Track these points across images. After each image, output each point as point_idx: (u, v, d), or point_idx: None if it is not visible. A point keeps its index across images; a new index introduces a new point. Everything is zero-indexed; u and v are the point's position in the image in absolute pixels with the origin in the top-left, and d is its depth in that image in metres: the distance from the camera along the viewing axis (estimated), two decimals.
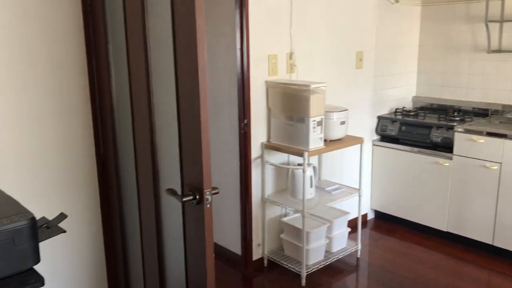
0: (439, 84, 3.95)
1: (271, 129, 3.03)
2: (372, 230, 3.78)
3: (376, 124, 3.81)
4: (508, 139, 3.05)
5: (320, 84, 2.76)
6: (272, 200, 3.08)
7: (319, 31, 3.21)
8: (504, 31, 3.50)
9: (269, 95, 2.99)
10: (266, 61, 2.96)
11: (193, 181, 1.56)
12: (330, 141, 3.02)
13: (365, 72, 3.61)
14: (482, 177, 3.20)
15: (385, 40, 3.72)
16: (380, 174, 3.83)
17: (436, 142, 3.44)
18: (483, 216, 3.24)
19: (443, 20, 3.84)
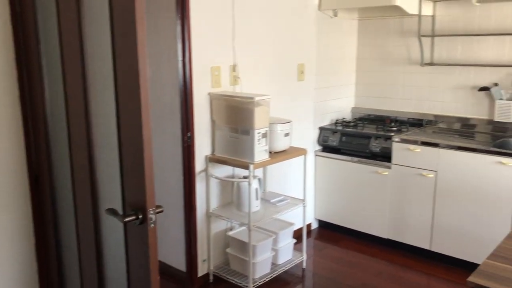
0: (376, 95, 4.09)
1: (216, 141, 2.98)
2: (317, 239, 3.82)
3: (318, 135, 3.87)
4: (442, 148, 3.20)
5: (264, 96, 2.76)
6: (217, 214, 3.02)
7: (262, 44, 3.23)
8: (435, 45, 3.69)
9: (213, 107, 2.94)
10: (209, 73, 2.92)
11: (136, 200, 1.49)
12: (274, 152, 3.02)
13: (306, 84, 3.67)
14: (419, 185, 3.33)
15: (325, 53, 3.80)
16: (323, 184, 3.89)
17: (375, 152, 3.55)
18: (421, 223, 3.37)
19: (379, 34, 3.99)
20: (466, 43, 3.54)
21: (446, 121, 3.71)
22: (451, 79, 3.65)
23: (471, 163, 3.07)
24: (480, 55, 3.48)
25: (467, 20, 3.50)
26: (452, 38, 3.59)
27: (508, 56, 3.36)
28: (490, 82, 3.46)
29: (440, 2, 3.61)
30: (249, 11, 3.09)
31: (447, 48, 3.63)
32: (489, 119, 3.49)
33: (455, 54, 3.60)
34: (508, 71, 3.37)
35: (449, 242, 3.25)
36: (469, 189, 3.11)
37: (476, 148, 3.06)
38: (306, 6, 3.53)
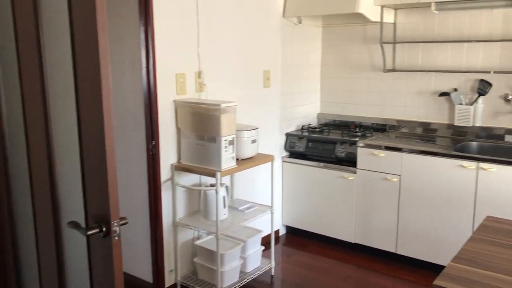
0: (341, 101, 4.15)
1: (181, 149, 2.94)
2: (285, 245, 3.82)
3: (285, 141, 3.89)
4: (405, 153, 3.26)
5: (230, 103, 2.75)
6: (184, 224, 2.97)
7: (227, 50, 3.21)
8: (397, 51, 3.78)
9: (178, 114, 2.90)
10: (174, 80, 2.88)
11: (99, 212, 1.44)
12: (242, 159, 3.00)
13: (272, 90, 3.68)
14: (384, 189, 3.39)
15: (291, 59, 3.83)
16: (290, 190, 3.90)
17: (341, 157, 3.59)
18: (386, 226, 3.43)
19: (343, 41, 4.05)
20: (426, 49, 3.64)
21: (408, 126, 3.79)
22: (413, 84, 3.74)
23: (433, 166, 3.15)
24: (439, 61, 3.59)
25: (426, 27, 3.61)
26: (413, 44, 3.69)
27: (466, 62, 3.47)
28: (450, 87, 3.56)
29: (401, 10, 3.70)
30: (214, 17, 3.08)
31: (408, 54, 3.73)
32: (449, 123, 3.59)
33: (416, 60, 3.70)
34: (466, 77, 3.48)
35: (414, 244, 3.32)
36: (432, 192, 3.18)
37: (438, 152, 3.14)
38: (270, 13, 3.55)
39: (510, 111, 3.34)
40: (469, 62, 3.46)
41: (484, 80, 3.37)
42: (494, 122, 3.42)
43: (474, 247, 1.71)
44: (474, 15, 3.39)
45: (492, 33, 3.34)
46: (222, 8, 3.13)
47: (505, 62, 3.32)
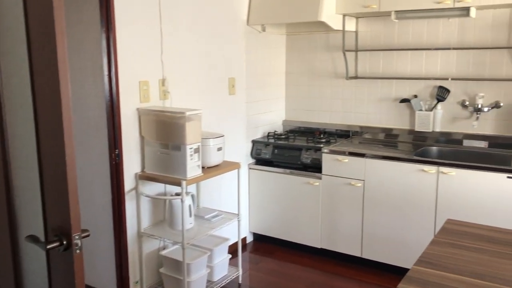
0: (306, 108, 4.19)
1: (146, 158, 2.89)
2: (252, 253, 3.81)
3: (251, 148, 3.89)
4: (368, 158, 3.32)
5: (195, 111, 2.72)
6: (149, 234, 2.92)
7: (192, 57, 3.19)
8: (359, 59, 3.86)
9: (142, 123, 2.86)
10: (137, 87, 2.83)
11: (59, 225, 1.39)
12: (207, 168, 2.98)
13: (238, 98, 3.67)
14: (349, 194, 3.44)
15: (255, 67, 3.84)
16: (257, 197, 3.89)
17: (306, 163, 3.62)
18: (351, 231, 3.47)
19: (307, 49, 4.10)
20: (387, 57, 3.73)
21: (371, 132, 3.87)
22: (375, 91, 3.82)
23: (395, 171, 3.22)
24: (400, 68, 3.69)
25: (387, 35, 3.70)
26: (374, 52, 3.77)
27: (426, 70, 3.58)
28: (410, 94, 3.66)
29: (362, 19, 3.79)
30: (177, 25, 3.05)
31: (370, 62, 3.81)
32: (410, 129, 3.69)
33: (377, 68, 3.79)
34: (426, 84, 3.59)
35: (378, 248, 3.37)
36: (395, 196, 3.25)
37: (399, 157, 3.21)
38: (234, 20, 3.56)
39: (468, 117, 3.46)
40: (428, 69, 3.57)
41: (442, 87, 3.48)
42: (452, 127, 3.53)
43: (436, 250, 1.75)
44: (432, 24, 3.50)
45: (449, 41, 3.46)
46: (185, 15, 3.11)
47: (462, 69, 3.44)
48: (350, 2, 3.43)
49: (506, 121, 3.33)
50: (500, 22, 3.26)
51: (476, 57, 3.38)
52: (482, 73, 3.37)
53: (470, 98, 3.44)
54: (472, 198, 2.98)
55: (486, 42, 3.33)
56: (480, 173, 2.93)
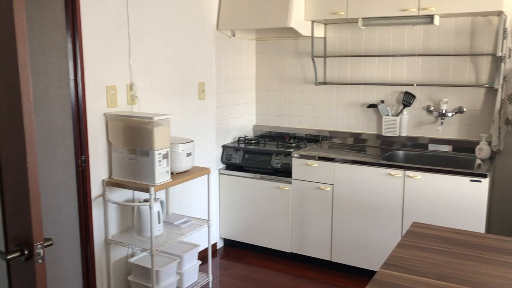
0: (276, 113, 4.22)
1: (113, 164, 2.84)
2: (223, 259, 3.79)
3: (221, 153, 3.88)
4: (336, 163, 3.36)
5: (164, 116, 2.70)
6: (117, 241, 2.86)
7: (161, 62, 3.16)
8: (327, 65, 3.91)
9: (109, 128, 2.81)
10: (105, 92, 2.78)
11: (20, 234, 1.34)
12: (177, 173, 2.95)
13: (207, 102, 3.66)
14: (318, 199, 3.47)
15: (225, 72, 3.84)
16: (227, 202, 3.88)
17: (276, 168, 3.63)
18: (321, 235, 3.50)
19: (276, 54, 4.13)
20: (354, 63, 3.80)
21: (340, 137, 3.92)
22: (343, 97, 3.88)
23: (363, 175, 3.27)
24: (367, 74, 3.76)
25: (355, 42, 3.76)
26: (343, 58, 3.83)
27: (392, 76, 3.66)
28: (377, 99, 3.73)
29: (330, 25, 3.84)
30: (146, 29, 3.02)
31: (338, 68, 3.87)
32: (378, 133, 3.76)
33: (345, 74, 3.85)
34: (392, 89, 3.66)
35: (347, 251, 3.41)
36: (363, 200, 3.30)
37: (367, 161, 3.26)
38: (204, 25, 3.55)
39: (433, 121, 3.55)
40: (394, 75, 3.65)
41: (408, 92, 3.57)
42: (418, 132, 3.62)
43: (402, 253, 1.79)
44: (398, 31, 3.59)
45: (415, 48, 3.54)
46: (154, 20, 3.08)
47: (426, 75, 3.53)
48: (318, 9, 3.48)
49: (469, 125, 3.43)
50: (463, 30, 3.36)
51: (440, 63, 3.48)
52: (446, 79, 3.47)
53: (434, 104, 3.53)
54: (437, 201, 3.05)
55: (449, 49, 3.43)
56: (445, 177, 3.01)
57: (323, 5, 3.45)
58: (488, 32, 3.29)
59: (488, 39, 3.30)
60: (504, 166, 3.36)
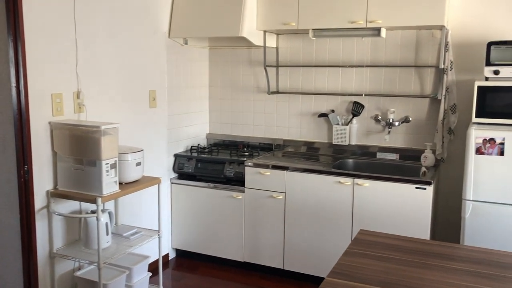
0: (229, 122, 4.22)
1: (58, 175, 2.74)
2: (174, 270, 3.73)
3: (173, 162, 3.83)
4: (289, 171, 3.40)
5: (112, 125, 2.63)
6: (62, 254, 2.76)
7: (110, 70, 3.09)
8: (280, 75, 3.96)
9: (55, 137, 2.71)
10: (50, 100, 2.69)
11: None
12: (126, 183, 2.88)
13: (159, 111, 3.61)
14: (271, 207, 3.49)
15: (178, 80, 3.80)
16: (179, 212, 3.83)
17: (229, 177, 3.62)
18: (273, 243, 3.51)
19: (229, 63, 4.14)
20: (306, 73, 3.86)
21: (293, 145, 3.97)
22: (295, 106, 3.93)
23: (315, 183, 3.32)
24: (318, 84, 3.83)
25: (306, 52, 3.83)
26: (294, 68, 3.89)
27: (342, 86, 3.75)
28: (328, 109, 3.81)
29: (282, 35, 3.90)
30: (94, 35, 2.95)
31: (290, 77, 3.92)
32: (329, 142, 3.83)
33: (297, 83, 3.90)
34: (342, 99, 3.75)
35: (300, 259, 3.44)
36: (314, 208, 3.34)
37: (318, 170, 3.31)
38: (155, 33, 3.50)
39: (380, 130, 3.66)
40: (344, 86, 3.74)
41: (357, 102, 3.66)
42: (367, 141, 3.71)
43: (348, 261, 1.82)
44: (347, 42, 3.68)
45: (363, 59, 3.65)
46: (103, 26, 3.01)
47: (374, 86, 3.64)
48: (270, 19, 3.52)
49: (415, 134, 3.56)
50: (408, 43, 3.50)
51: (387, 74, 3.59)
52: (393, 90, 3.59)
53: (382, 113, 3.64)
54: (385, 208, 3.14)
55: (396, 60, 3.56)
56: (392, 184, 3.10)
57: (275, 16, 3.50)
58: (432, 45, 3.44)
59: (432, 51, 3.44)
60: (447, 174, 3.51)
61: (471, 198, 2.86)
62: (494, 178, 2.79)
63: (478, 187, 2.83)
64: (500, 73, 2.97)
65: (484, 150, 2.81)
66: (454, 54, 3.38)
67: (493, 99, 2.93)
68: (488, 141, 2.80)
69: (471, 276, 1.71)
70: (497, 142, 2.78)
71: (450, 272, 1.75)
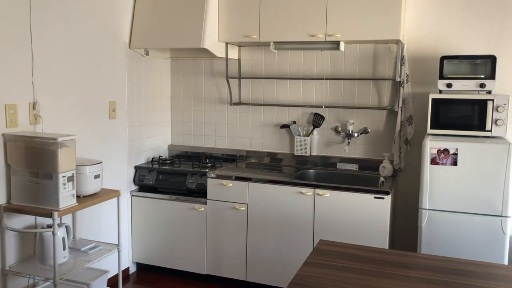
0: (191, 133, 4.19)
1: (12, 188, 2.64)
2: (135, 284, 3.65)
3: (134, 174, 3.76)
4: (251, 182, 3.41)
5: (69, 137, 2.57)
6: (15, 271, 2.65)
7: (68, 80, 3.02)
8: (242, 86, 3.98)
9: (9, 149, 2.61)
10: (3, 111, 2.60)
11: None
12: (83, 196, 2.81)
13: (119, 122, 3.55)
14: (233, 219, 3.48)
15: (139, 90, 3.76)
16: (140, 225, 3.76)
17: (191, 189, 3.59)
18: (236, 255, 3.50)
19: (192, 74, 4.13)
20: (268, 85, 3.90)
21: (256, 156, 3.98)
22: (258, 117, 3.96)
23: (277, 194, 3.34)
24: (280, 95, 3.87)
25: (268, 64, 3.87)
26: (256, 80, 3.92)
27: (303, 98, 3.80)
28: (290, 120, 3.85)
29: (244, 47, 3.93)
30: (51, 45, 2.88)
31: (252, 89, 3.95)
32: (291, 153, 3.87)
33: (259, 95, 3.93)
34: (303, 111, 3.81)
35: (262, 271, 3.44)
36: (276, 219, 3.36)
37: (280, 180, 3.34)
38: (116, 43, 3.46)
39: (340, 141, 3.74)
40: (305, 97, 3.80)
41: (317, 114, 3.73)
42: (327, 151, 3.78)
43: (307, 271, 1.84)
44: (308, 55, 3.75)
45: (323, 71, 3.72)
46: (60, 35, 2.95)
47: (334, 98, 3.72)
48: (232, 31, 3.54)
49: (373, 145, 3.65)
50: (366, 56, 3.60)
51: (347, 87, 3.68)
52: (352, 102, 3.68)
53: (342, 125, 3.72)
54: (345, 218, 3.19)
55: (354, 73, 3.65)
56: (351, 194, 3.16)
57: (236, 28, 3.53)
58: (389, 59, 3.55)
59: (389, 65, 3.55)
60: (405, 183, 3.61)
61: (427, 207, 2.95)
62: (448, 187, 2.89)
63: (434, 196, 2.93)
64: (453, 86, 3.10)
65: (438, 160, 2.91)
66: (410, 67, 3.50)
67: (447, 111, 3.05)
68: (442, 151, 2.90)
69: (429, 284, 1.76)
70: (450, 153, 2.88)
71: (408, 280, 1.79)
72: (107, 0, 3.35)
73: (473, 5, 3.34)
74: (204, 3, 3.43)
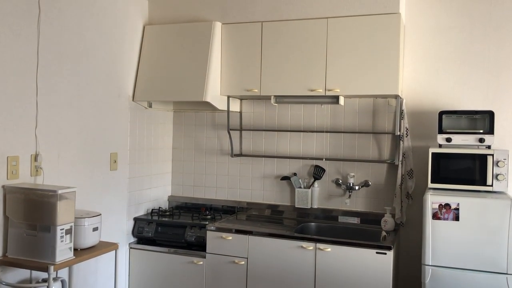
0: (192, 184, 4.19)
1: (9, 241, 2.61)
2: None
3: (133, 226, 3.72)
4: (251, 235, 3.36)
5: (68, 189, 2.57)
6: None
7: (70, 132, 3.06)
8: (243, 138, 4.01)
9: (8, 201, 2.60)
10: (5, 163, 2.61)
11: None
12: (81, 249, 2.77)
13: (120, 173, 3.55)
14: (232, 273, 3.40)
15: (140, 142, 3.79)
16: (138, 278, 3.68)
17: (190, 241, 3.54)
18: None
19: (194, 126, 4.18)
20: (269, 137, 3.93)
21: (257, 208, 3.95)
22: (258, 169, 3.96)
23: (277, 248, 3.28)
24: (281, 148, 3.90)
25: (269, 117, 3.93)
26: (257, 132, 3.96)
27: (303, 150, 3.83)
28: (290, 172, 3.86)
29: (245, 101, 4.00)
30: (56, 98, 2.94)
31: (253, 141, 3.98)
32: (292, 205, 3.84)
33: (260, 147, 3.96)
34: (304, 163, 3.82)
35: None
36: (276, 273, 3.28)
37: (280, 234, 3.29)
38: (119, 96, 3.53)
39: (341, 194, 3.72)
40: (306, 150, 3.82)
41: (318, 166, 3.73)
42: (328, 204, 3.75)
43: None
44: (308, 108, 3.81)
45: (323, 124, 3.77)
46: (66, 89, 3.01)
47: (334, 150, 3.74)
48: (233, 86, 3.62)
49: (375, 198, 3.63)
50: (365, 110, 3.65)
51: (347, 140, 3.71)
52: (352, 155, 3.69)
53: (343, 177, 3.71)
54: (346, 274, 3.12)
55: (354, 127, 3.68)
56: (353, 249, 3.11)
57: (238, 83, 3.60)
58: (388, 113, 3.60)
59: (388, 119, 3.60)
60: (407, 238, 3.55)
61: (430, 263, 2.89)
62: (450, 243, 2.85)
63: (436, 252, 2.87)
64: (452, 140, 3.12)
65: (440, 215, 2.88)
66: (409, 121, 3.54)
67: (447, 165, 3.06)
68: (443, 206, 2.88)
69: None
70: (452, 208, 2.86)
71: None
72: (113, 55, 3.45)
73: (468, 60, 3.43)
74: (207, 58, 3.53)
